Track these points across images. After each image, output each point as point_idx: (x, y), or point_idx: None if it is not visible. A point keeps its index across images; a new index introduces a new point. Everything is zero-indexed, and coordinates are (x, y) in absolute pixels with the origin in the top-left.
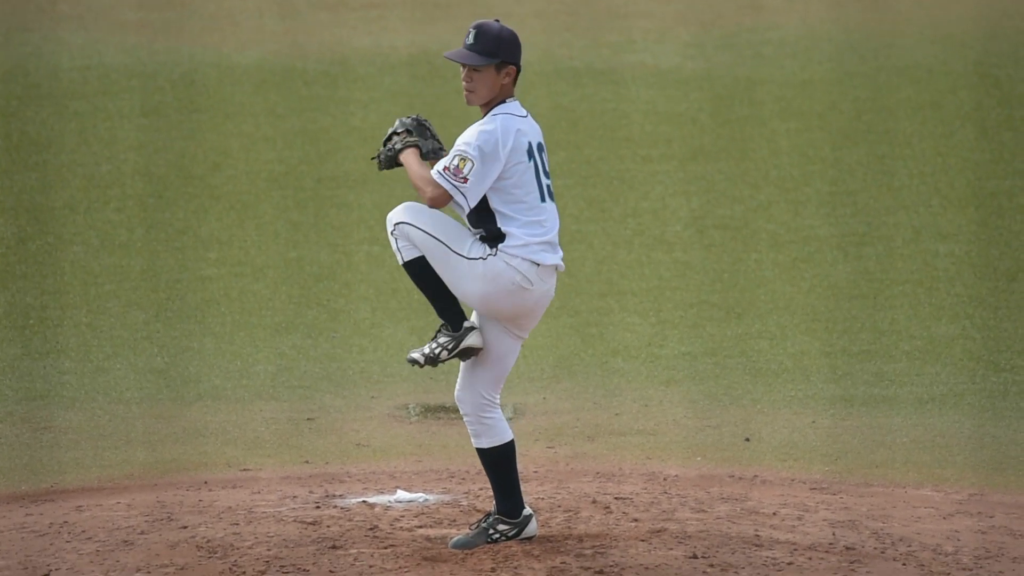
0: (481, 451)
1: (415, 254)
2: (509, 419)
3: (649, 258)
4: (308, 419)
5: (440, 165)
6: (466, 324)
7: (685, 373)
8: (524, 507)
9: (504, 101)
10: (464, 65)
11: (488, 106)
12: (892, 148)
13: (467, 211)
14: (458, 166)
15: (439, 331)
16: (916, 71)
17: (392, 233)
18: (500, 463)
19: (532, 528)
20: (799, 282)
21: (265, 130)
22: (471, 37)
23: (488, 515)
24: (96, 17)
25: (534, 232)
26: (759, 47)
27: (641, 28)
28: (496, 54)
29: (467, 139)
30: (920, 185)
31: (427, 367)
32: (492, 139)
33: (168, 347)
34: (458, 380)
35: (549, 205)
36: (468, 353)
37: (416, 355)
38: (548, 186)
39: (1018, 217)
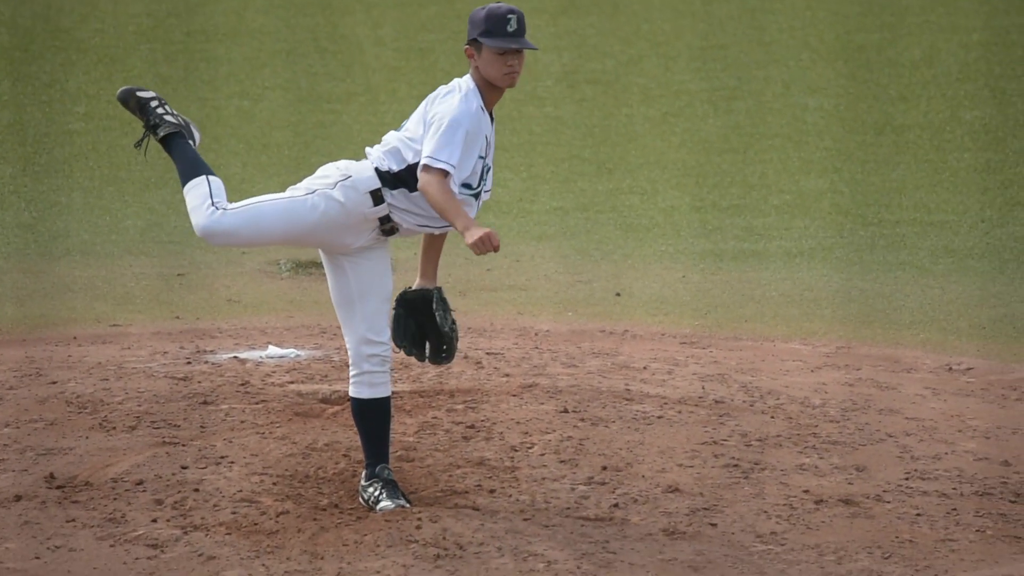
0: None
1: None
2: None
3: (520, 113)
4: (178, 275)
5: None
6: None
7: (556, 228)
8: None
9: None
10: (519, 51)
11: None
12: (762, 2)
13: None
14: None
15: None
16: None
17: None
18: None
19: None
20: (670, 137)
21: None
22: (517, 24)
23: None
24: None
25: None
26: None
27: None
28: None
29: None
30: (789, 39)
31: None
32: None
33: (35, 202)
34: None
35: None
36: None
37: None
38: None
39: (886, 70)
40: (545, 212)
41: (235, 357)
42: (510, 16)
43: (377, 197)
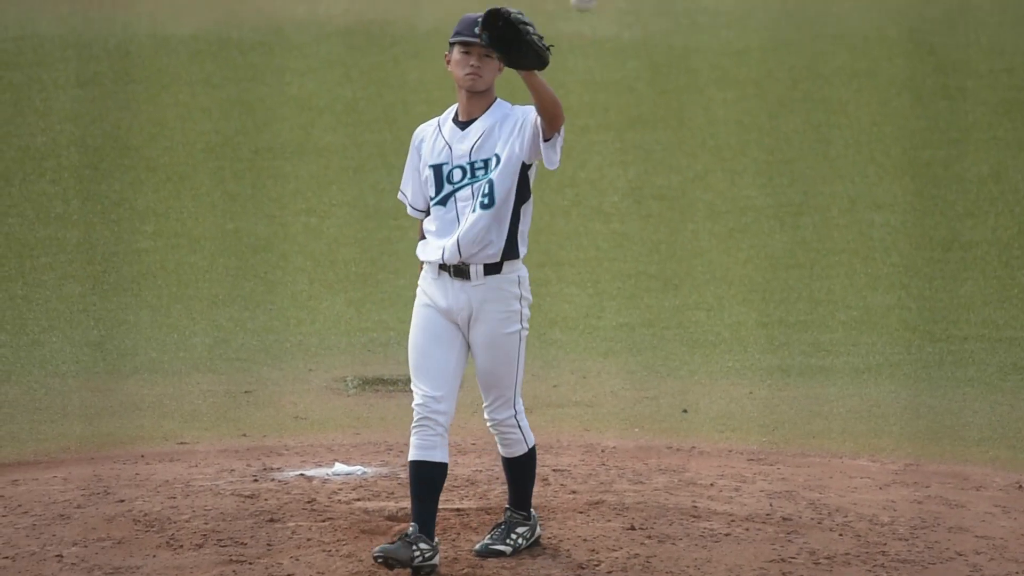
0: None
1: (519, 451)
2: None
3: (587, 228)
4: (245, 392)
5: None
6: (533, 512)
7: (623, 344)
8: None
9: (497, 98)
10: (473, 48)
11: (486, 97)
12: (828, 116)
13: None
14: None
15: (507, 521)
16: (851, 38)
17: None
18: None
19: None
20: (736, 252)
21: (201, 100)
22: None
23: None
24: None
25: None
26: (695, 15)
27: None
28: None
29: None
30: (856, 154)
31: None
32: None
33: (104, 320)
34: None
35: None
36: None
37: (499, 547)
38: None
39: (953, 187)
40: (611, 328)
41: (302, 474)
42: (479, 19)
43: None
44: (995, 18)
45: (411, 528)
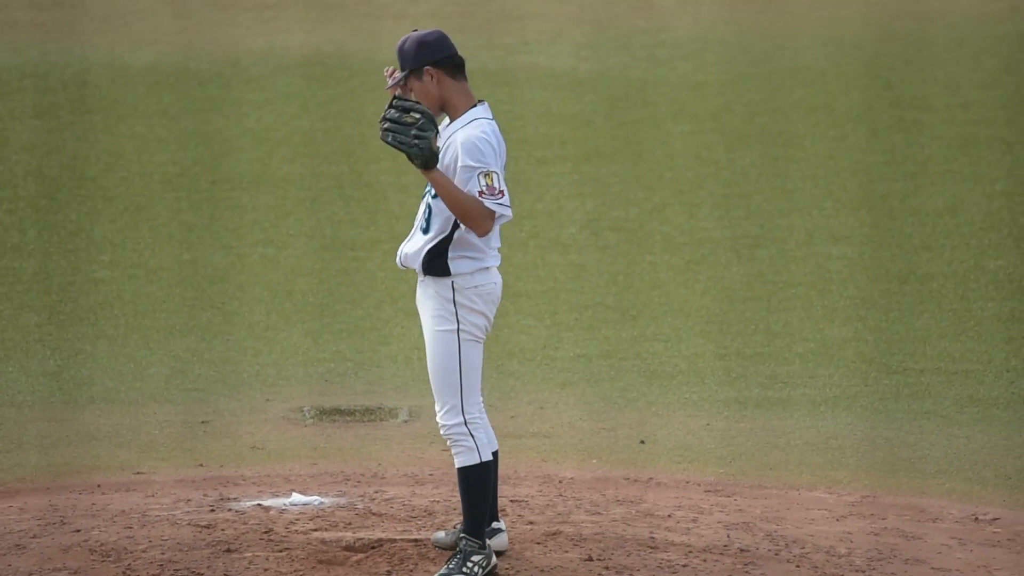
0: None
1: (471, 460)
2: (404, 422)
3: (544, 260)
4: (202, 422)
5: (474, 190)
6: (488, 540)
7: (580, 375)
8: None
9: (475, 106)
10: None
11: (455, 112)
12: (785, 150)
13: (509, 219)
14: (489, 184)
15: (463, 550)
16: (808, 73)
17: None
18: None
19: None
20: (693, 284)
21: (158, 131)
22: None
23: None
24: None
25: (477, 254)
26: (653, 49)
27: (535, 29)
28: (404, 66)
29: (472, 152)
30: (813, 188)
31: None
32: (487, 143)
33: (60, 350)
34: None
35: None
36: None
37: None
38: None
39: (909, 219)
40: (569, 359)
41: (259, 504)
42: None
43: None
44: (951, 53)
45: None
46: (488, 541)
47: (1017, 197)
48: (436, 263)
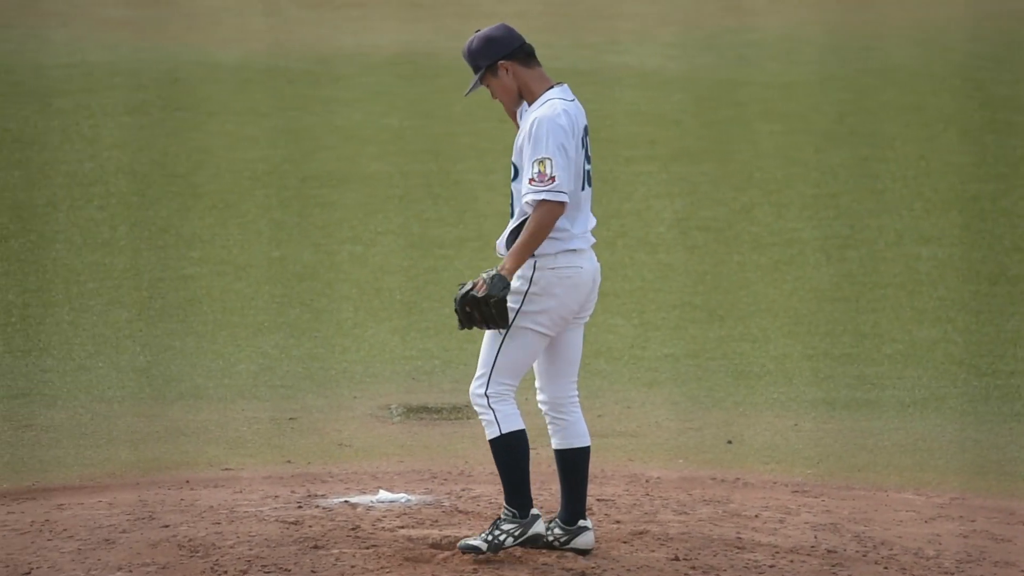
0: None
1: (492, 433)
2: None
3: (632, 259)
4: (290, 419)
5: (526, 181)
6: (532, 511)
7: (667, 375)
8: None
9: (551, 87)
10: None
11: (532, 96)
12: (875, 151)
13: (566, 199)
14: (540, 171)
15: (501, 517)
16: (898, 73)
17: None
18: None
19: (539, 527)
20: (781, 284)
21: (248, 129)
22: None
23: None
24: (79, 14)
25: (561, 235)
26: (741, 49)
27: (624, 29)
28: (478, 65)
29: (535, 140)
30: (903, 188)
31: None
32: (552, 124)
33: (150, 346)
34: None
35: (587, 193)
36: (536, 539)
37: (475, 542)
38: (588, 172)
39: (1000, 220)
40: (656, 359)
41: (346, 502)
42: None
43: None
44: None
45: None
46: (535, 515)
47: None
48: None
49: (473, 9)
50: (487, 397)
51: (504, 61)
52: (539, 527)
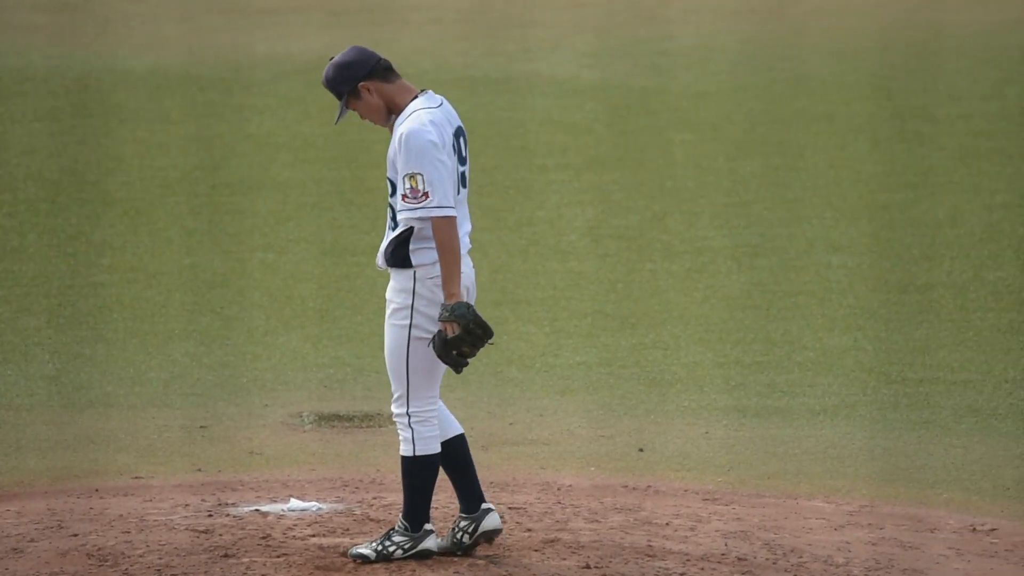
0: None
1: (406, 452)
2: None
3: (544, 267)
4: (201, 427)
5: (399, 199)
6: (427, 526)
7: (580, 383)
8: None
9: (416, 97)
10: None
11: (399, 110)
12: (786, 160)
13: (453, 212)
14: (413, 187)
15: (394, 528)
16: (810, 83)
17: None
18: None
19: (431, 543)
20: (693, 292)
21: (160, 136)
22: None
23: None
24: None
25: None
26: (655, 57)
27: (537, 37)
28: (341, 88)
29: (405, 154)
30: (813, 197)
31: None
32: (418, 138)
33: (60, 353)
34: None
35: (463, 195)
36: (426, 554)
37: (365, 551)
38: (464, 173)
39: (910, 230)
40: (568, 367)
41: (256, 510)
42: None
43: None
44: (953, 64)
45: (429, 526)
46: (428, 530)
47: (1017, 209)
48: (398, 254)
49: (387, 16)
50: (408, 416)
51: (364, 82)
52: (430, 543)
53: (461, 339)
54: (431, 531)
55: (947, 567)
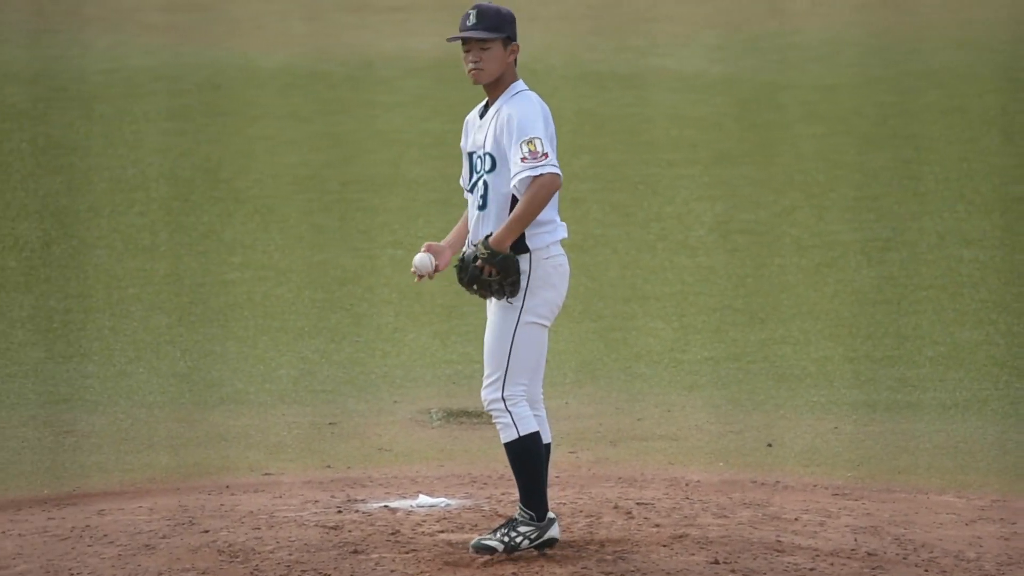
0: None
1: (510, 436)
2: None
3: (672, 263)
4: (330, 423)
5: (517, 161)
6: (549, 515)
7: (708, 378)
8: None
9: (519, 81)
10: (470, 43)
11: (499, 86)
12: (917, 153)
13: (561, 175)
14: (532, 150)
15: (516, 518)
16: (941, 75)
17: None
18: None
19: (555, 532)
20: (823, 287)
21: (290, 133)
22: (472, 17)
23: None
24: (122, 20)
25: (551, 227)
26: (784, 51)
27: (666, 32)
28: (501, 29)
29: (521, 124)
30: (945, 190)
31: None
32: (537, 112)
33: (191, 351)
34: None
35: None
36: (550, 543)
37: (491, 542)
38: None
39: None
40: (696, 362)
41: (386, 506)
42: (469, 12)
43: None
44: None
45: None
46: (551, 518)
47: None
48: (517, 244)
49: (517, 12)
50: (503, 400)
51: (517, 45)
52: (555, 531)
53: (488, 284)
54: (554, 519)
55: None
